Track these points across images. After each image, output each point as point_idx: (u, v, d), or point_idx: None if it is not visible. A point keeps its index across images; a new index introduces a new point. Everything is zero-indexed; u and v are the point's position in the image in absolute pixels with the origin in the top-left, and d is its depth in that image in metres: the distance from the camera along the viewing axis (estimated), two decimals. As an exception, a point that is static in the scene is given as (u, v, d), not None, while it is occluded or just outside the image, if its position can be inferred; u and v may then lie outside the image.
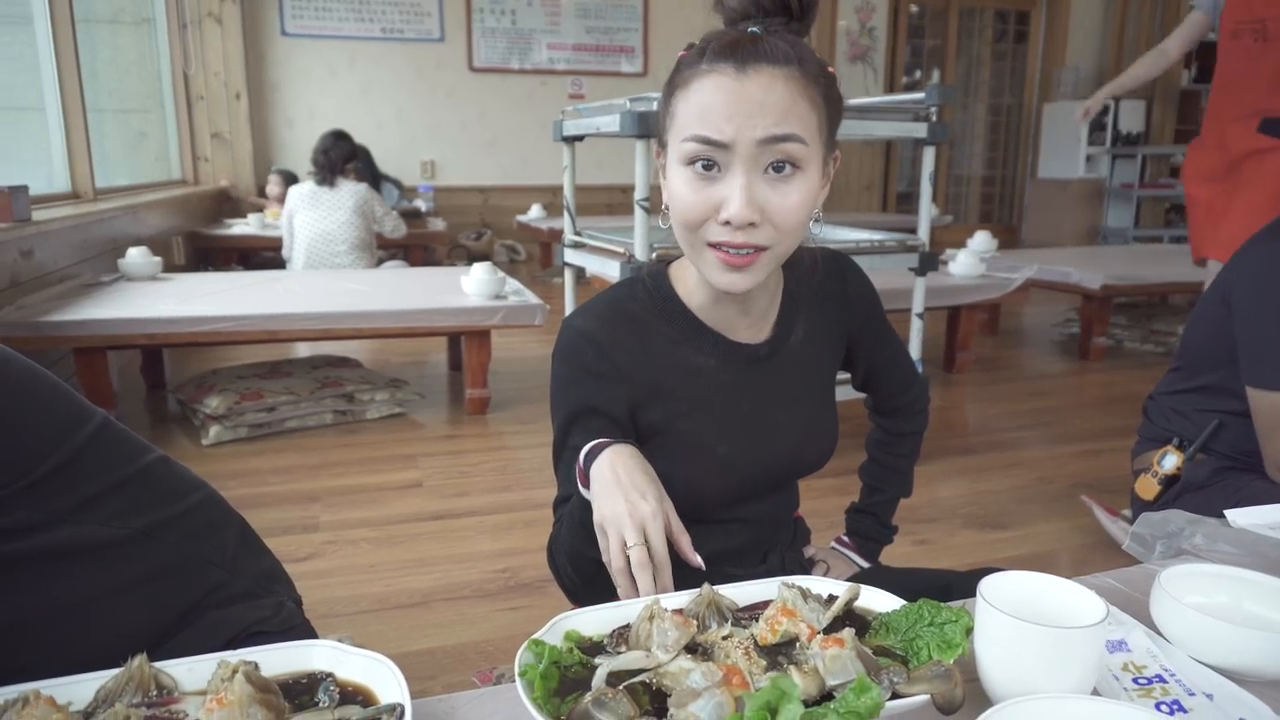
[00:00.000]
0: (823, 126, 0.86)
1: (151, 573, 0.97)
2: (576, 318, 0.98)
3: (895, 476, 1.25)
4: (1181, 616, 0.75)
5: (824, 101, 0.86)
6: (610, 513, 0.84)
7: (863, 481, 1.27)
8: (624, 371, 0.96)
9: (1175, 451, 1.81)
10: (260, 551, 1.17)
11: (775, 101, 0.81)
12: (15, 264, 2.67)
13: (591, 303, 1.00)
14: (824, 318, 1.07)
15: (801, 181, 0.84)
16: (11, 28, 3.70)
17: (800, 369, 1.05)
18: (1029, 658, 0.65)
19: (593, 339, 0.96)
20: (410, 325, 2.77)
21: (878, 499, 1.26)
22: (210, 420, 2.63)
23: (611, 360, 0.96)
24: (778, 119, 0.81)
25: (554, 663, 0.68)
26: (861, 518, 1.27)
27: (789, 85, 0.82)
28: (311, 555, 1.91)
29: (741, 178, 0.82)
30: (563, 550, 1.01)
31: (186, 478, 1.08)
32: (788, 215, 0.84)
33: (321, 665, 0.70)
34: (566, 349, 0.98)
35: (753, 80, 0.81)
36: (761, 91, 0.81)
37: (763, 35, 0.84)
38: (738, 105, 0.81)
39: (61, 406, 0.93)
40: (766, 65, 0.82)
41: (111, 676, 0.66)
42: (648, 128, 2.03)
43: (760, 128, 0.81)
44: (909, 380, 1.19)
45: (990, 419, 3.00)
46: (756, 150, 0.82)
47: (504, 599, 1.72)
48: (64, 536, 0.89)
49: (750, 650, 0.69)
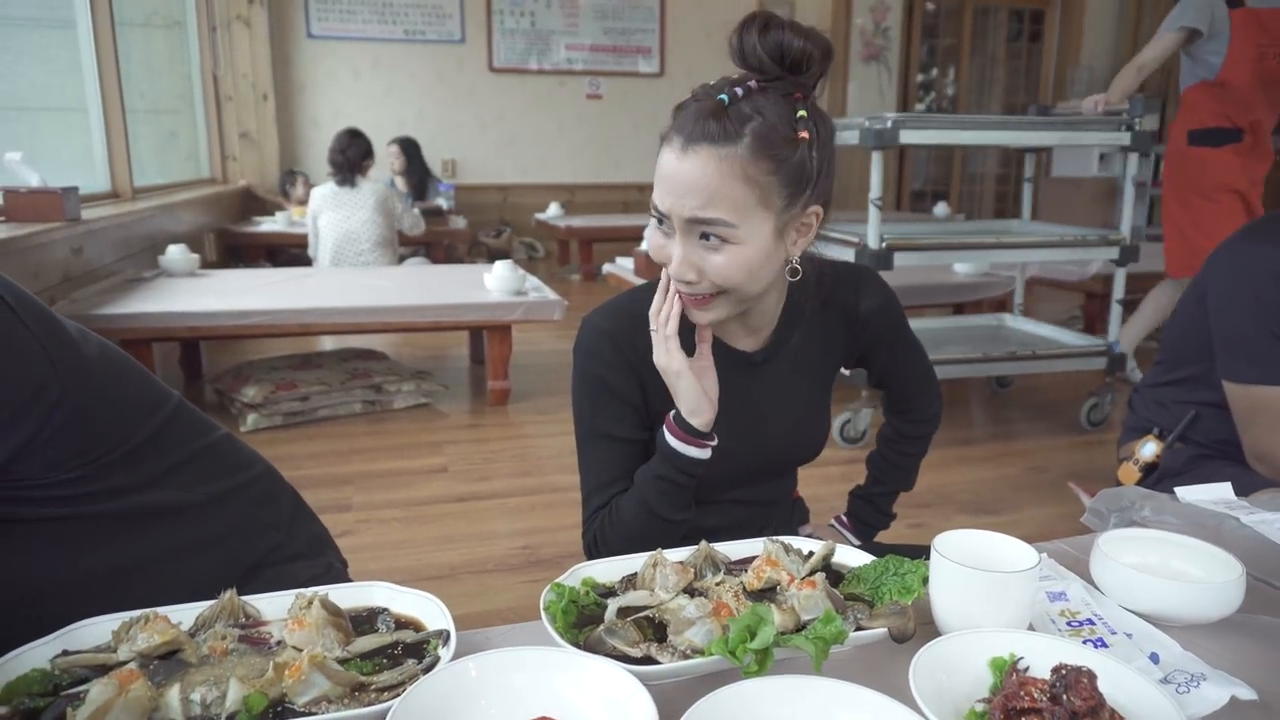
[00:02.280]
0: (771, 198, 0.92)
1: (220, 533, 1.10)
2: (595, 316, 1.09)
3: (898, 472, 1.33)
4: (1112, 571, 0.88)
5: (775, 175, 0.91)
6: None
7: (868, 469, 1.34)
8: (635, 363, 1.07)
9: (1155, 440, 1.91)
10: (311, 519, 1.31)
11: (704, 185, 0.89)
12: (67, 260, 2.83)
13: (608, 304, 1.10)
14: (828, 327, 1.14)
15: (733, 250, 0.92)
16: (57, 31, 3.87)
17: (794, 373, 1.14)
18: (972, 598, 0.78)
19: (610, 334, 1.06)
20: (436, 320, 2.91)
21: (878, 490, 1.34)
22: (248, 408, 2.79)
23: (624, 354, 1.06)
24: (703, 202, 0.90)
25: (572, 601, 0.81)
26: (861, 503, 1.36)
27: (722, 167, 0.89)
28: (346, 532, 2.05)
29: (679, 246, 0.94)
30: (626, 536, 1.06)
31: (248, 453, 1.22)
32: (721, 275, 0.94)
33: (380, 601, 0.83)
34: (587, 343, 1.08)
35: (689, 160, 0.90)
36: (695, 173, 0.89)
37: (729, 104, 0.90)
38: (673, 183, 0.91)
39: (149, 387, 1.08)
40: (706, 146, 0.89)
41: (208, 606, 0.80)
42: (884, 140, 2.45)
43: (687, 209, 0.91)
44: (923, 388, 1.27)
45: (989, 411, 3.11)
46: (687, 224, 0.92)
47: (525, 573, 1.86)
48: (149, 499, 1.03)
49: (739, 594, 0.82)
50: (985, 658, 0.72)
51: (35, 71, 3.83)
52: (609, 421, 1.08)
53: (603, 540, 1.09)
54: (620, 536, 1.07)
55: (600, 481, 1.11)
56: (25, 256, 2.51)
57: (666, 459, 1.03)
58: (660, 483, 1.04)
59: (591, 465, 1.11)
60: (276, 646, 0.75)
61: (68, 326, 0.95)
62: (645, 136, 7.53)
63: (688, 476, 1.04)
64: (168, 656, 0.72)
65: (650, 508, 1.05)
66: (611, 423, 1.08)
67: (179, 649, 0.73)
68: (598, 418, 1.09)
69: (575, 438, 1.12)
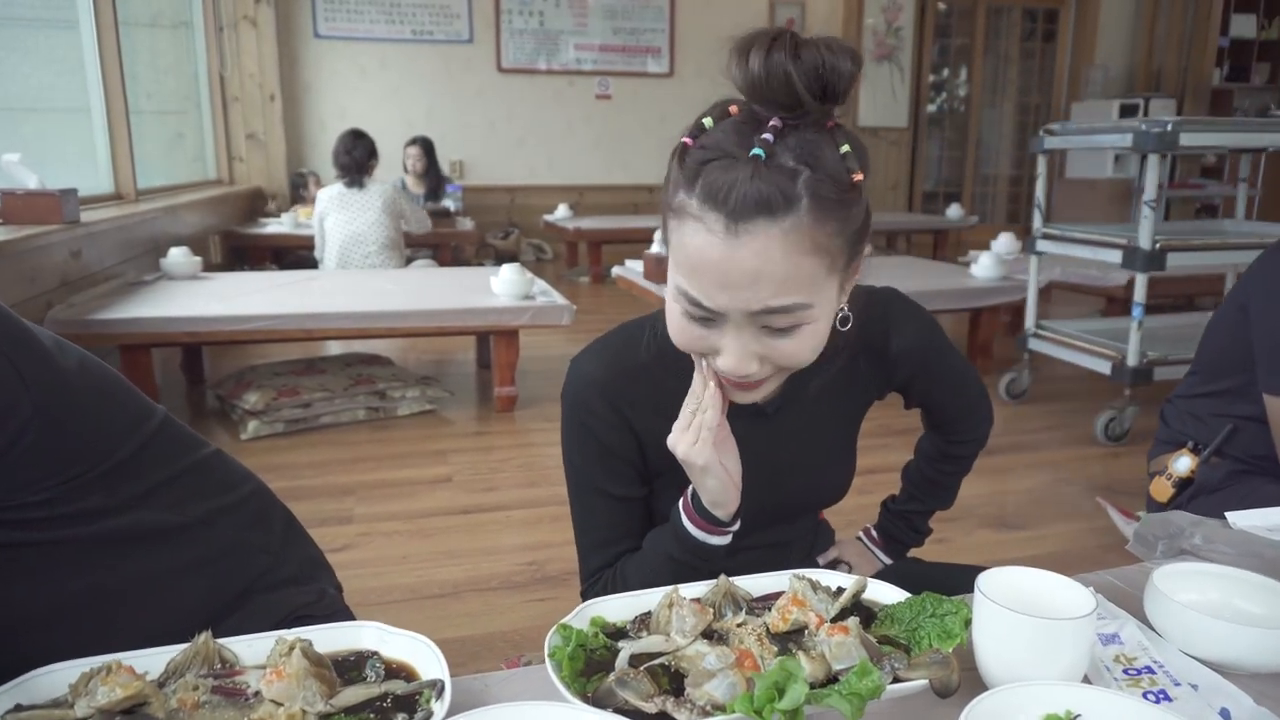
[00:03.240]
0: (836, 260, 0.77)
1: (207, 557, 1.04)
2: (584, 361, 0.96)
3: (939, 490, 1.22)
4: (1172, 612, 0.80)
5: (839, 236, 0.75)
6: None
7: (904, 484, 1.23)
8: (631, 419, 0.96)
9: (1189, 454, 1.83)
10: (304, 541, 1.25)
11: (771, 271, 0.72)
12: (65, 264, 2.77)
13: (598, 345, 0.97)
14: (853, 371, 1.00)
15: (807, 330, 0.77)
16: (62, 32, 3.83)
17: (813, 421, 1.02)
18: (1022, 647, 0.70)
19: (600, 385, 0.94)
20: (441, 325, 2.85)
21: (915, 507, 1.23)
22: (249, 415, 2.73)
23: (618, 409, 0.95)
24: (774, 291, 0.73)
25: (580, 645, 0.74)
26: (894, 519, 1.25)
27: (786, 243, 0.71)
28: (346, 546, 1.98)
29: (733, 339, 0.77)
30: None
31: (238, 470, 1.16)
32: (791, 359, 0.80)
33: (369, 644, 0.76)
34: (575, 393, 0.96)
35: (745, 245, 0.71)
36: (756, 259, 0.71)
37: (766, 163, 0.71)
38: (727, 276, 0.73)
39: (131, 401, 1.01)
40: (763, 222, 0.70)
41: (180, 651, 0.73)
42: (1163, 144, 2.43)
43: (755, 301, 0.74)
44: (970, 409, 1.15)
45: (1012, 420, 3.03)
46: (750, 317, 0.76)
47: (530, 590, 1.79)
48: (131, 521, 0.96)
49: (762, 637, 0.75)
50: (1039, 714, 0.65)
51: (42, 72, 3.79)
52: (603, 478, 0.98)
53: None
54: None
55: (599, 540, 1.01)
56: (22, 260, 2.45)
57: (682, 543, 0.93)
58: (674, 564, 0.94)
59: (588, 522, 1.01)
60: (253, 699, 0.68)
61: (42, 338, 0.89)
62: (655, 137, 7.47)
63: (706, 562, 0.94)
64: (132, 711, 0.65)
65: (658, 581, 0.91)
66: (606, 479, 0.98)
67: (144, 702, 0.66)
68: (591, 473, 0.98)
69: (568, 487, 1.01)
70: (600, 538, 1.01)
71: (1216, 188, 7.98)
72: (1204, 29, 8.02)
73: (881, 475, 1.27)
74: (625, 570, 0.99)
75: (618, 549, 1.01)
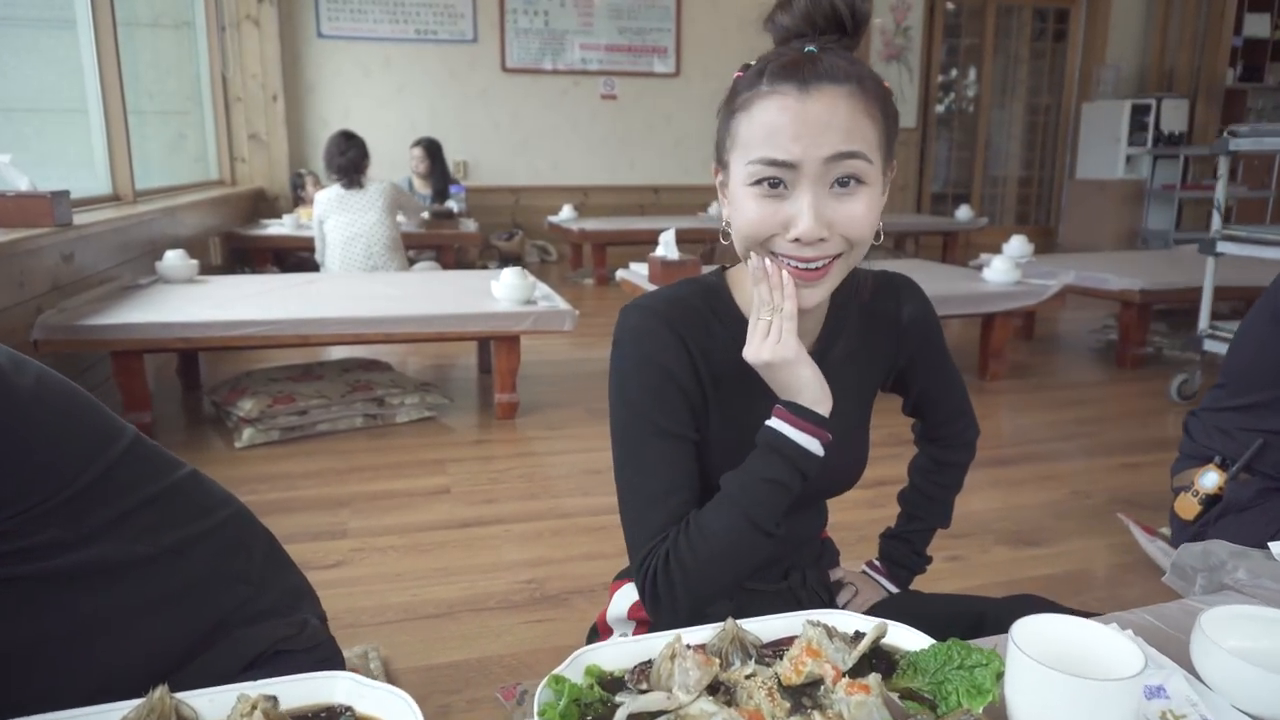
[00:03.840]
0: (882, 141, 0.87)
1: (179, 590, 0.97)
2: (644, 299, 0.96)
3: (935, 506, 1.22)
4: (1223, 663, 0.73)
5: (883, 117, 0.87)
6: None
7: (901, 507, 1.24)
8: (695, 356, 0.94)
9: (1217, 470, 1.76)
10: (286, 567, 1.18)
11: (839, 120, 0.83)
12: (56, 268, 2.72)
13: (652, 293, 0.98)
14: (870, 338, 1.05)
15: (866, 194, 0.85)
16: (57, 31, 3.77)
17: (837, 392, 1.00)
18: (1062, 709, 0.63)
19: (665, 317, 0.94)
20: (440, 330, 2.78)
21: (915, 527, 1.23)
22: (244, 423, 2.66)
23: (683, 341, 0.94)
24: (843, 137, 0.83)
25: (574, 700, 0.67)
26: (896, 544, 1.24)
27: (850, 103, 0.83)
28: (339, 563, 1.92)
29: (809, 195, 0.83)
30: (711, 555, 0.88)
31: (216, 493, 1.09)
32: (855, 225, 0.85)
33: (342, 698, 0.70)
34: (639, 325, 0.94)
35: (816, 100, 0.82)
36: (826, 111, 0.82)
37: (820, 54, 0.84)
38: (803, 126, 0.82)
39: (95, 422, 0.95)
40: (829, 84, 0.82)
41: (133, 707, 0.66)
42: None
43: (826, 146, 0.82)
44: (960, 411, 1.17)
45: (1025, 429, 2.95)
46: (823, 168, 0.83)
47: (529, 611, 1.72)
48: (94, 555, 0.90)
49: (774, 691, 0.68)
50: (1083, 786, 0.58)
51: (41, 73, 3.73)
52: (662, 414, 0.92)
53: (677, 562, 0.88)
54: (704, 557, 0.88)
55: (658, 491, 0.92)
56: (10, 264, 2.39)
57: (783, 457, 0.89)
58: (771, 487, 0.89)
59: (643, 474, 0.92)
60: (210, 764, 0.61)
61: None
62: (660, 137, 7.40)
63: (802, 478, 0.90)
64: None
65: (752, 518, 0.88)
66: (665, 415, 0.92)
67: (89, 770, 0.59)
68: (657, 411, 0.92)
69: (617, 445, 0.94)
70: (659, 487, 0.92)
71: (1232, 189, 7.87)
72: (1217, 28, 7.92)
73: (892, 487, 1.22)
74: (700, 517, 0.90)
75: (680, 499, 0.92)
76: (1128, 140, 7.86)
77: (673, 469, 0.93)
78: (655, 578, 0.89)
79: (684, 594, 0.88)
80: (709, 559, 0.88)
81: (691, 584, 0.88)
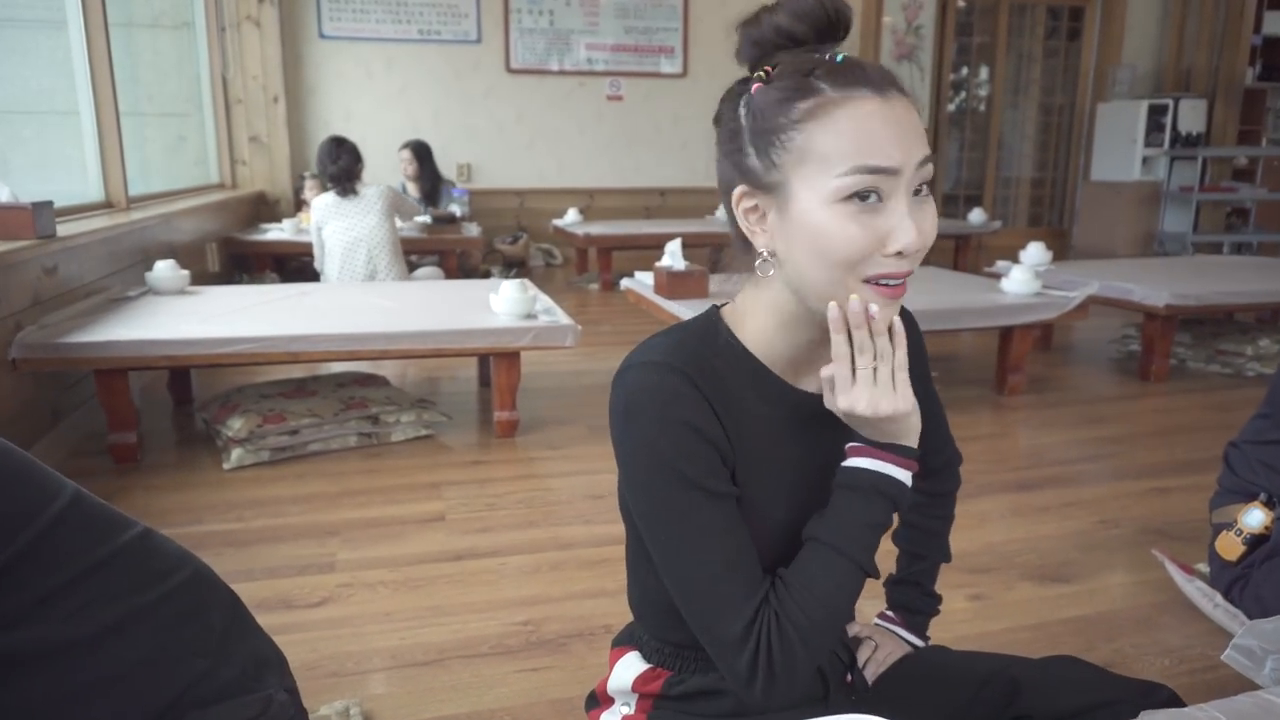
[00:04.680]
0: None
1: (120, 672, 0.86)
2: (648, 354, 0.84)
3: (935, 540, 1.17)
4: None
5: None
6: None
7: (900, 549, 1.17)
8: (719, 411, 0.84)
9: (1263, 509, 1.64)
10: (251, 632, 1.06)
11: (916, 123, 0.78)
12: (38, 281, 2.62)
13: (655, 341, 0.87)
14: None
15: (932, 200, 0.81)
16: (51, 33, 3.67)
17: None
18: None
19: (683, 372, 0.82)
20: (436, 347, 2.67)
21: (919, 566, 1.17)
22: (232, 443, 2.56)
23: (706, 396, 0.83)
24: (923, 140, 0.79)
25: None
26: (904, 588, 1.17)
27: (911, 106, 0.79)
28: (325, 600, 1.81)
29: (904, 204, 0.77)
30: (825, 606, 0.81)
31: (169, 554, 0.98)
32: (932, 231, 0.80)
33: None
34: (658, 385, 0.82)
35: (896, 103, 0.77)
36: (906, 113, 0.78)
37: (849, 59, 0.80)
38: (899, 129, 0.76)
39: (23, 487, 0.84)
40: (894, 89, 0.78)
41: None
42: None
43: (918, 150, 0.77)
44: (946, 439, 1.13)
45: (1046, 449, 2.83)
46: (916, 173, 0.78)
47: (524, 657, 1.61)
48: (17, 641, 0.79)
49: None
50: None
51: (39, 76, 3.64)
52: (714, 476, 0.83)
53: (794, 628, 0.80)
54: (819, 616, 0.81)
55: (730, 558, 0.82)
56: (-13, 279, 2.30)
57: (884, 496, 0.84)
58: (875, 531, 0.84)
59: (709, 543, 0.82)
60: None
61: None
62: (667, 139, 7.29)
63: (895, 514, 0.86)
64: None
65: (862, 565, 0.84)
66: (715, 477, 0.83)
67: None
68: (701, 474, 0.82)
69: (655, 523, 0.83)
70: (727, 557, 0.82)
71: (1248, 191, 7.73)
72: (1236, 27, 7.76)
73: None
74: (806, 577, 0.82)
75: (750, 562, 0.83)
76: (1144, 141, 7.70)
77: (736, 532, 0.84)
78: (771, 650, 0.80)
79: (805, 659, 0.81)
80: (824, 616, 0.82)
81: (813, 647, 0.81)
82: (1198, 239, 7.46)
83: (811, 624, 0.81)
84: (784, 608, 0.81)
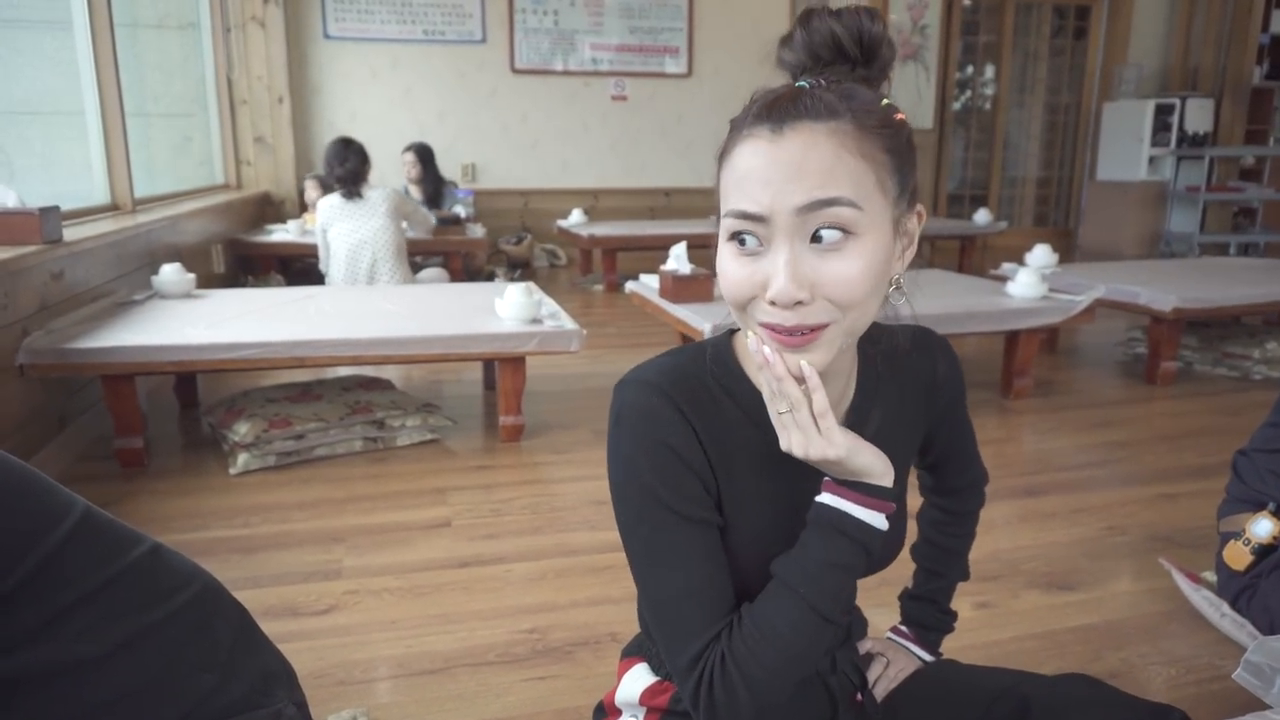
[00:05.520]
0: (885, 181, 0.74)
1: (127, 692, 0.86)
2: (641, 373, 0.85)
3: (955, 559, 1.15)
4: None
5: (886, 154, 0.74)
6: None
7: (918, 564, 1.16)
8: (703, 439, 0.83)
9: (1272, 518, 1.63)
10: (260, 647, 1.06)
11: (816, 161, 0.71)
12: (45, 287, 2.62)
13: (649, 364, 0.87)
14: (905, 401, 0.96)
15: (857, 249, 0.72)
16: (56, 34, 3.68)
17: None
18: None
19: (667, 394, 0.83)
20: (441, 352, 2.68)
21: (936, 584, 1.16)
22: (238, 448, 2.57)
23: (689, 421, 0.83)
24: (819, 181, 0.71)
25: None
26: (920, 605, 1.16)
27: (833, 140, 0.71)
28: (331, 608, 1.82)
29: (784, 252, 0.72)
30: (780, 650, 0.79)
31: (179, 570, 0.98)
32: (841, 287, 0.73)
33: None
34: (640, 404, 0.83)
35: (789, 141, 0.71)
36: (800, 151, 0.71)
37: (811, 89, 0.74)
38: (773, 170, 0.71)
39: (29, 507, 0.84)
40: (806, 121, 0.72)
41: None
42: None
43: (798, 194, 0.71)
44: (973, 458, 1.11)
45: (1052, 454, 2.82)
46: (797, 220, 0.72)
47: (530, 666, 1.61)
48: (21, 662, 0.79)
49: None
50: None
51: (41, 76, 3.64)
52: (690, 500, 0.82)
53: (736, 667, 0.78)
54: (767, 659, 0.78)
55: (696, 583, 0.81)
56: (-6, 285, 2.30)
57: (848, 538, 0.80)
58: (835, 572, 0.80)
59: (677, 565, 0.82)
60: None
61: None
62: (672, 139, 7.29)
63: (867, 556, 0.82)
64: None
65: (818, 609, 0.79)
66: (693, 501, 0.82)
67: None
68: (676, 495, 0.81)
69: (632, 538, 0.83)
70: (693, 582, 0.81)
71: (1255, 190, 7.69)
72: (1243, 25, 7.73)
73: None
74: (760, 616, 0.80)
75: (718, 592, 0.82)
76: (1150, 141, 7.68)
77: (705, 559, 0.82)
78: (712, 688, 0.79)
79: (748, 702, 0.78)
80: (774, 660, 0.79)
81: (756, 690, 0.78)
82: (1204, 239, 7.44)
83: (762, 669, 0.78)
84: (733, 649, 0.79)
